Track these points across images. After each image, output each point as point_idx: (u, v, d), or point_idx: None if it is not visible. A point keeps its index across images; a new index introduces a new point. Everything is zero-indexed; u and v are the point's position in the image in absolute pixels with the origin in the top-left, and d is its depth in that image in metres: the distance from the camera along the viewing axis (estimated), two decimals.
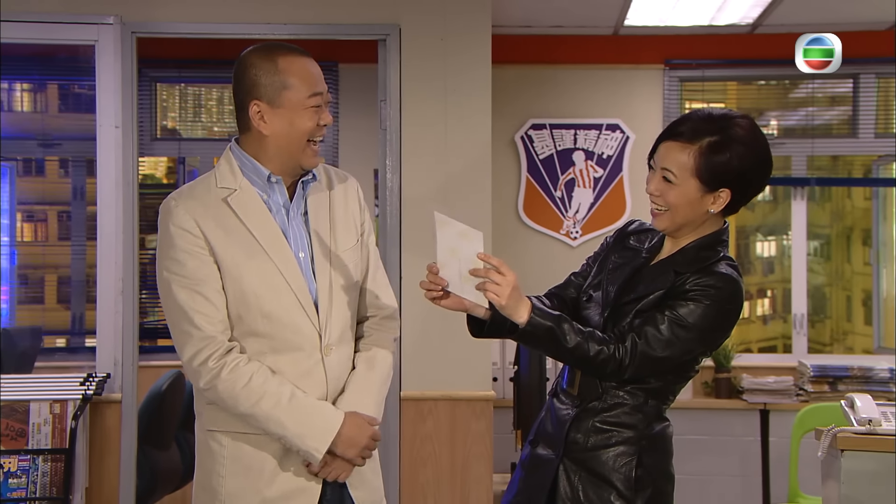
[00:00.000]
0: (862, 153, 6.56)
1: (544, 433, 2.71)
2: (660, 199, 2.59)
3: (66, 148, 6.70)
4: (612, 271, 2.69)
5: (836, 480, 3.64)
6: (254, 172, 2.61)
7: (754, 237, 8.22)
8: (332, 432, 2.52)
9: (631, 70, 6.26)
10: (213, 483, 2.58)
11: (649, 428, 2.61)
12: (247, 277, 2.54)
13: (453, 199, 4.72)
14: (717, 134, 2.54)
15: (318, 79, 2.59)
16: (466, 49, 4.76)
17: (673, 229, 2.63)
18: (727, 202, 2.58)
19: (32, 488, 4.34)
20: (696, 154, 2.54)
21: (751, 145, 2.56)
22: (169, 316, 2.58)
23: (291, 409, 2.51)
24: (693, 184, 2.55)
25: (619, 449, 2.59)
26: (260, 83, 2.56)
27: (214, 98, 6.96)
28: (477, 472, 4.69)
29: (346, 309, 2.65)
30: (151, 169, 7.45)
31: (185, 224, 2.54)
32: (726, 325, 2.58)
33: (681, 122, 2.59)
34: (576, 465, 2.61)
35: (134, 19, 4.68)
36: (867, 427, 3.65)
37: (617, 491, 2.58)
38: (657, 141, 2.62)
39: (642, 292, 2.60)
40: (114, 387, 4.58)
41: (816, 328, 7.46)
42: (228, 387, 2.51)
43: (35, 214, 7.44)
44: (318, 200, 2.66)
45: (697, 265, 2.58)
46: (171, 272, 2.55)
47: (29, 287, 7.06)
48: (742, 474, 5.90)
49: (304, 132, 2.57)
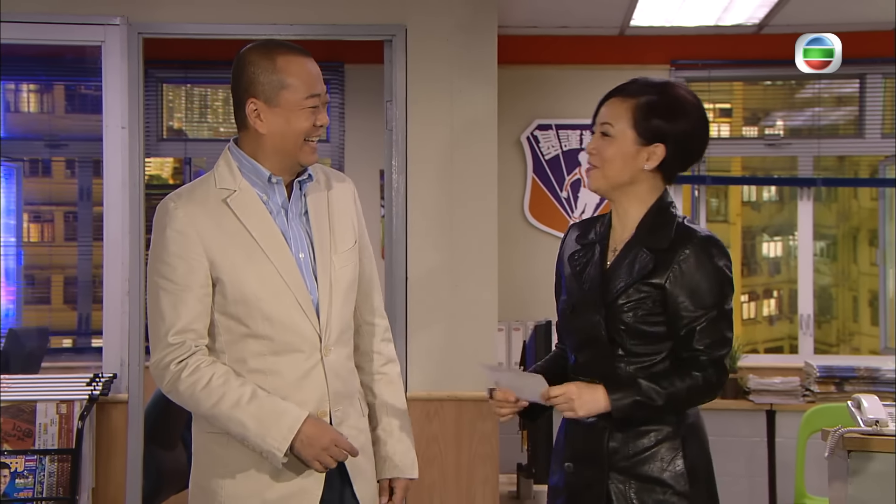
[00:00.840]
0: (868, 153, 6.55)
1: (576, 453, 2.65)
2: (596, 158, 2.64)
3: (72, 148, 6.71)
4: (580, 275, 2.67)
5: (842, 481, 3.63)
6: (253, 173, 2.60)
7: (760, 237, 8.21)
8: (293, 431, 2.48)
9: (637, 70, 6.19)
10: (213, 485, 2.58)
11: (686, 416, 2.60)
12: (246, 280, 2.53)
13: (459, 200, 4.72)
14: (658, 94, 2.62)
15: (316, 79, 2.58)
16: (472, 49, 4.76)
17: (606, 187, 2.65)
18: (661, 159, 2.61)
19: (39, 488, 4.35)
20: (635, 106, 2.61)
21: (688, 106, 2.63)
22: (149, 317, 2.58)
23: (252, 409, 2.49)
24: (629, 136, 2.61)
25: (662, 447, 2.57)
26: (258, 81, 2.55)
27: (220, 99, 6.96)
28: (483, 473, 4.69)
29: (345, 309, 2.65)
30: (157, 169, 7.46)
31: (181, 228, 2.53)
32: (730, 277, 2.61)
33: (625, 83, 2.67)
34: (624, 476, 2.57)
35: (140, 20, 4.69)
36: (874, 428, 3.65)
37: (672, 489, 2.56)
38: (598, 105, 2.68)
39: (625, 282, 2.58)
40: (120, 387, 4.59)
41: (823, 329, 7.45)
42: (188, 388, 2.51)
43: (42, 215, 7.45)
44: (318, 200, 2.66)
45: (661, 233, 2.59)
46: (159, 275, 2.54)
47: (35, 287, 7.07)
48: (748, 475, 5.89)
49: (301, 132, 2.56)
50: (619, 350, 2.58)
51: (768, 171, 7.12)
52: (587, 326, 2.62)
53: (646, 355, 2.57)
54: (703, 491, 2.59)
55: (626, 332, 2.57)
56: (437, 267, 4.65)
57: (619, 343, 2.58)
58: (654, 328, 2.56)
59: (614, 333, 2.57)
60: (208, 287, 2.54)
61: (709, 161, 6.48)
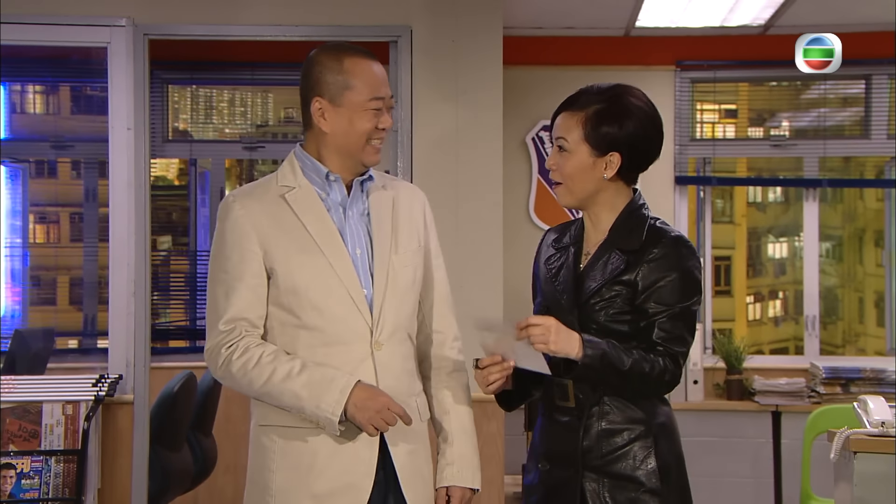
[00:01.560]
0: (874, 154, 6.54)
1: (551, 452, 2.68)
2: (557, 173, 2.69)
3: (78, 150, 6.72)
4: (554, 277, 2.71)
5: (848, 482, 3.63)
6: (313, 171, 2.65)
7: (766, 238, 8.21)
8: (345, 394, 2.51)
9: (642, 71, 6.25)
10: (265, 478, 2.60)
11: (655, 416, 2.63)
12: (298, 272, 2.58)
13: (464, 200, 4.72)
14: (605, 102, 2.64)
15: (381, 82, 2.63)
16: (477, 50, 4.76)
17: (574, 202, 2.70)
18: (619, 166, 2.65)
19: (45, 489, 4.36)
20: (583, 120, 2.64)
21: (633, 109, 2.65)
22: (207, 306, 2.66)
23: (303, 379, 2.53)
24: (584, 149, 2.64)
25: (634, 446, 2.60)
26: (323, 81, 2.61)
27: (226, 100, 6.97)
28: (488, 474, 4.68)
29: (402, 309, 2.66)
30: (163, 171, 7.47)
31: (237, 220, 2.61)
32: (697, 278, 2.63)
33: (574, 94, 2.70)
34: (597, 475, 2.60)
35: (146, 21, 4.69)
36: (880, 429, 3.65)
37: (644, 487, 2.58)
38: (553, 116, 2.72)
39: (598, 282, 2.62)
40: (126, 388, 4.59)
41: (828, 330, 7.44)
42: (240, 370, 2.56)
43: (47, 216, 7.46)
44: (381, 200, 2.70)
45: (633, 235, 2.64)
46: (216, 266, 2.63)
47: (41, 288, 7.08)
48: (754, 476, 5.89)
49: (362, 133, 2.61)
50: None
51: (774, 171, 7.11)
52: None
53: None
54: (675, 489, 2.62)
55: (598, 332, 2.60)
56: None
57: None
58: (624, 327, 2.61)
59: (587, 333, 2.60)
60: (262, 278, 2.60)
61: (714, 162, 6.48)
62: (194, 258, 6.75)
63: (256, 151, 6.71)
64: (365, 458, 2.58)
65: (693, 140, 6.42)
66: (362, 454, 2.58)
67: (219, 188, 6.74)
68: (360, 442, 2.57)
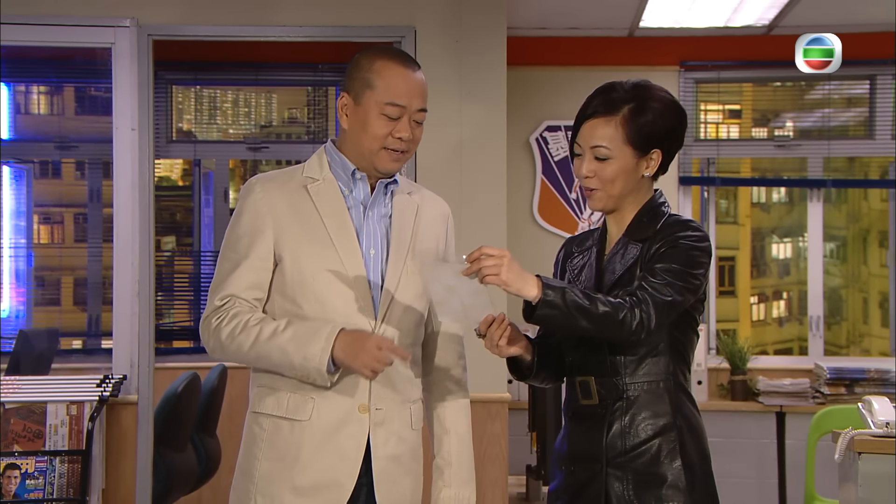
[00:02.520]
0: (879, 154, 6.54)
1: (576, 453, 2.64)
2: (594, 180, 2.63)
3: (82, 150, 6.73)
4: (577, 276, 2.70)
5: (853, 483, 3.63)
6: (340, 167, 2.64)
7: (770, 239, 8.20)
8: (331, 340, 2.46)
9: (646, 72, 6.24)
10: (250, 465, 2.60)
11: (680, 410, 2.59)
12: (307, 262, 2.56)
13: (468, 201, 4.72)
14: (632, 100, 2.61)
15: (407, 90, 2.57)
16: (482, 51, 4.76)
17: (612, 205, 2.66)
18: (659, 162, 2.65)
19: (49, 489, 4.36)
20: (622, 123, 2.60)
21: (664, 101, 2.64)
22: (212, 282, 2.64)
23: (288, 334, 2.50)
24: (628, 152, 2.60)
25: (658, 441, 2.56)
26: (353, 77, 2.61)
27: (230, 100, 6.98)
28: (493, 475, 4.69)
29: (409, 314, 2.63)
30: (167, 171, 7.48)
31: (255, 201, 2.59)
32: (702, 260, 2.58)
33: (591, 101, 2.65)
34: (621, 472, 2.56)
35: (150, 22, 4.69)
36: (885, 430, 3.64)
37: (669, 484, 2.54)
38: (575, 125, 2.66)
39: (618, 272, 2.61)
40: (130, 388, 4.59)
41: (833, 330, 7.44)
42: (228, 336, 2.53)
43: (51, 216, 7.47)
44: (405, 204, 2.68)
45: (649, 226, 2.62)
46: (226, 245, 2.62)
47: (45, 289, 7.09)
48: (758, 477, 5.88)
49: (374, 136, 2.58)
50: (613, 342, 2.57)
51: (778, 172, 7.10)
52: None
53: (637, 345, 2.56)
54: (701, 489, 2.58)
55: None
56: None
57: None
58: None
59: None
60: (268, 262, 2.58)
61: (718, 162, 6.48)
62: (198, 258, 6.75)
63: (260, 152, 6.71)
64: (351, 457, 2.56)
65: (697, 140, 6.42)
66: (348, 452, 2.56)
67: (223, 189, 6.74)
68: (347, 440, 2.56)
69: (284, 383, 2.57)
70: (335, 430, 2.55)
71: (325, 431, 2.54)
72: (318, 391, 2.55)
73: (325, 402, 2.55)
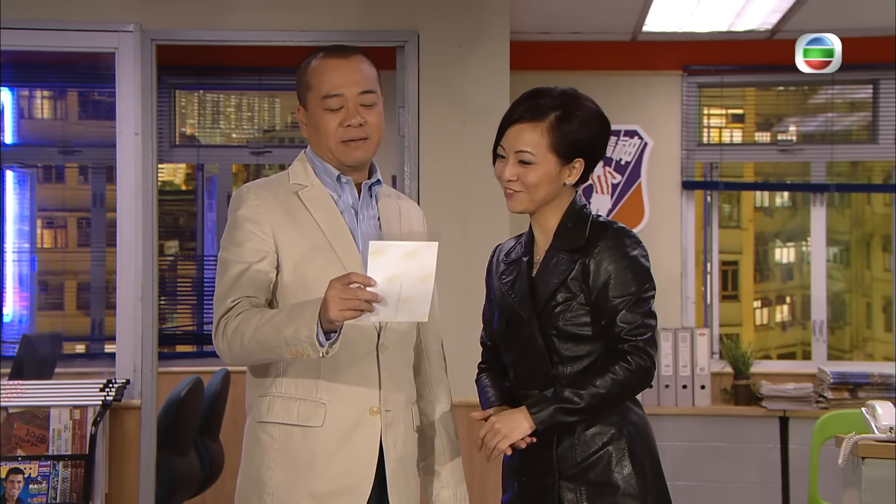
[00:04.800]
0: (882, 159, 6.53)
1: (527, 466, 2.67)
2: (517, 184, 2.67)
3: (85, 155, 6.73)
4: (510, 290, 2.70)
5: (857, 488, 3.62)
6: (325, 173, 2.65)
7: (773, 243, 8.20)
8: (317, 306, 2.38)
9: (649, 76, 6.25)
10: (263, 476, 2.58)
11: (627, 418, 2.61)
12: (309, 266, 2.56)
13: (471, 206, 4.72)
14: (559, 108, 2.62)
15: (339, 80, 2.58)
16: (485, 56, 4.76)
17: (533, 207, 2.68)
18: (581, 172, 2.66)
19: (53, 494, 4.36)
20: (548, 130, 2.62)
21: (590, 110, 2.65)
22: (216, 291, 2.60)
23: (283, 315, 2.44)
24: (551, 159, 2.62)
25: (608, 449, 2.59)
26: (298, 87, 2.64)
27: (233, 105, 6.98)
28: (495, 480, 4.67)
29: None
30: (170, 175, 7.48)
31: (252, 210, 2.58)
32: (646, 266, 2.62)
33: (518, 105, 2.68)
34: (573, 483, 2.59)
35: (154, 27, 4.70)
36: (889, 434, 3.63)
37: (623, 492, 2.57)
38: (501, 128, 2.70)
39: (552, 285, 2.61)
40: (133, 393, 4.60)
41: (836, 335, 7.44)
42: (234, 330, 2.49)
43: (55, 221, 7.48)
44: (390, 206, 2.71)
45: (577, 233, 2.64)
46: (226, 255, 2.59)
47: (49, 293, 7.10)
48: (761, 482, 5.87)
49: (326, 133, 2.60)
50: (554, 356, 2.61)
51: (781, 176, 7.10)
52: (523, 338, 2.65)
53: (579, 358, 2.60)
54: (653, 490, 2.60)
55: (559, 337, 2.60)
56: (448, 273, 4.65)
57: (554, 349, 2.61)
58: (583, 329, 2.60)
59: (548, 340, 2.60)
60: (271, 266, 2.57)
61: (721, 167, 6.48)
62: (201, 263, 6.75)
63: (263, 156, 6.71)
64: (366, 460, 2.57)
65: (700, 145, 6.41)
66: (363, 455, 2.57)
67: (226, 193, 6.74)
68: (362, 443, 2.56)
69: (293, 389, 2.57)
70: (349, 435, 2.55)
71: (339, 436, 2.55)
72: (329, 396, 2.55)
73: (336, 406, 2.56)
